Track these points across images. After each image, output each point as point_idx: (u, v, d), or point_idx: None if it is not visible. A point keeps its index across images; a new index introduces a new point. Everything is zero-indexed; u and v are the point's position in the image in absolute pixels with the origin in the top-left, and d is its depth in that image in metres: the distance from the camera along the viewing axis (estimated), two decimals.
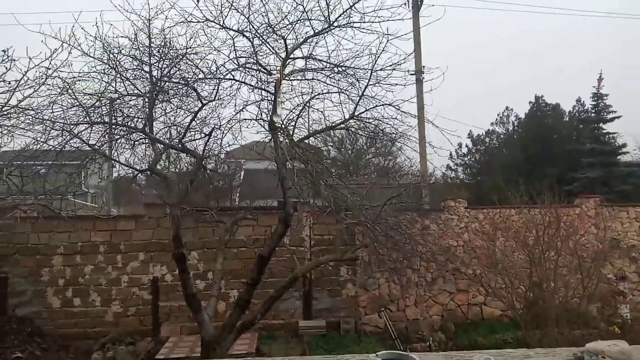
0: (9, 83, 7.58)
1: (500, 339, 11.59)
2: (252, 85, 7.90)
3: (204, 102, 7.73)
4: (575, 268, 10.51)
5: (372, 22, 7.10)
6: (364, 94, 7.76)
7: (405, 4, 13.12)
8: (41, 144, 7.61)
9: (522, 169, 22.36)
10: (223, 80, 7.73)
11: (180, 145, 8.22)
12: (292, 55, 7.41)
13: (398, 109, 7.89)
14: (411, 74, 11.31)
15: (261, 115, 7.99)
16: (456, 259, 13.28)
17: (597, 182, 21.69)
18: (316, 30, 7.31)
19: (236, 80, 7.81)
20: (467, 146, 30.45)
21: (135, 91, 7.82)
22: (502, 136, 30.07)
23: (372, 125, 8.55)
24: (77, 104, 7.47)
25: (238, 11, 7.01)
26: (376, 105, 7.92)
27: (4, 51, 7.43)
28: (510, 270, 10.81)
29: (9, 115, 7.76)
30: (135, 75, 7.76)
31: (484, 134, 30.26)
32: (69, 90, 7.37)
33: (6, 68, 7.50)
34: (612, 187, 21.42)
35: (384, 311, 12.67)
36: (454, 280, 13.31)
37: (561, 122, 27.88)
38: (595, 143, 23.87)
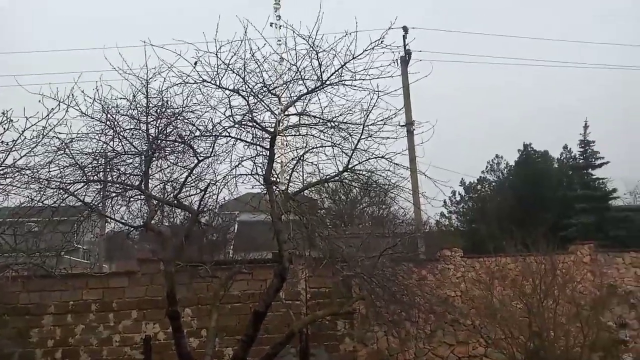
0: (7, 144, 7.73)
1: None
2: (247, 142, 8.07)
3: (200, 158, 7.87)
4: (574, 316, 10.42)
5: (363, 79, 7.38)
6: (357, 147, 7.94)
7: (394, 61, 13.56)
8: (36, 202, 7.64)
9: (516, 216, 22.43)
10: (219, 137, 7.90)
11: (175, 202, 8.27)
12: (286, 112, 7.62)
13: (390, 161, 8.05)
14: (402, 126, 11.66)
15: (256, 170, 8.11)
16: (454, 309, 13.09)
17: (592, 227, 21.76)
18: (309, 89, 7.57)
19: (232, 137, 7.97)
20: (459, 194, 30.65)
21: (133, 149, 7.95)
22: (494, 184, 30.36)
23: (365, 177, 8.69)
24: (74, 163, 7.56)
25: (234, 72, 7.26)
26: (369, 158, 8.08)
27: (3, 113, 7.62)
28: (509, 320, 10.68)
29: (4, 175, 7.84)
30: (132, 134, 7.92)
31: (476, 181, 30.56)
32: (66, 150, 7.49)
33: (4, 129, 7.68)
34: (607, 233, 21.46)
35: None
36: (454, 332, 13.04)
37: (551, 168, 28.26)
38: (585, 189, 24.17)
